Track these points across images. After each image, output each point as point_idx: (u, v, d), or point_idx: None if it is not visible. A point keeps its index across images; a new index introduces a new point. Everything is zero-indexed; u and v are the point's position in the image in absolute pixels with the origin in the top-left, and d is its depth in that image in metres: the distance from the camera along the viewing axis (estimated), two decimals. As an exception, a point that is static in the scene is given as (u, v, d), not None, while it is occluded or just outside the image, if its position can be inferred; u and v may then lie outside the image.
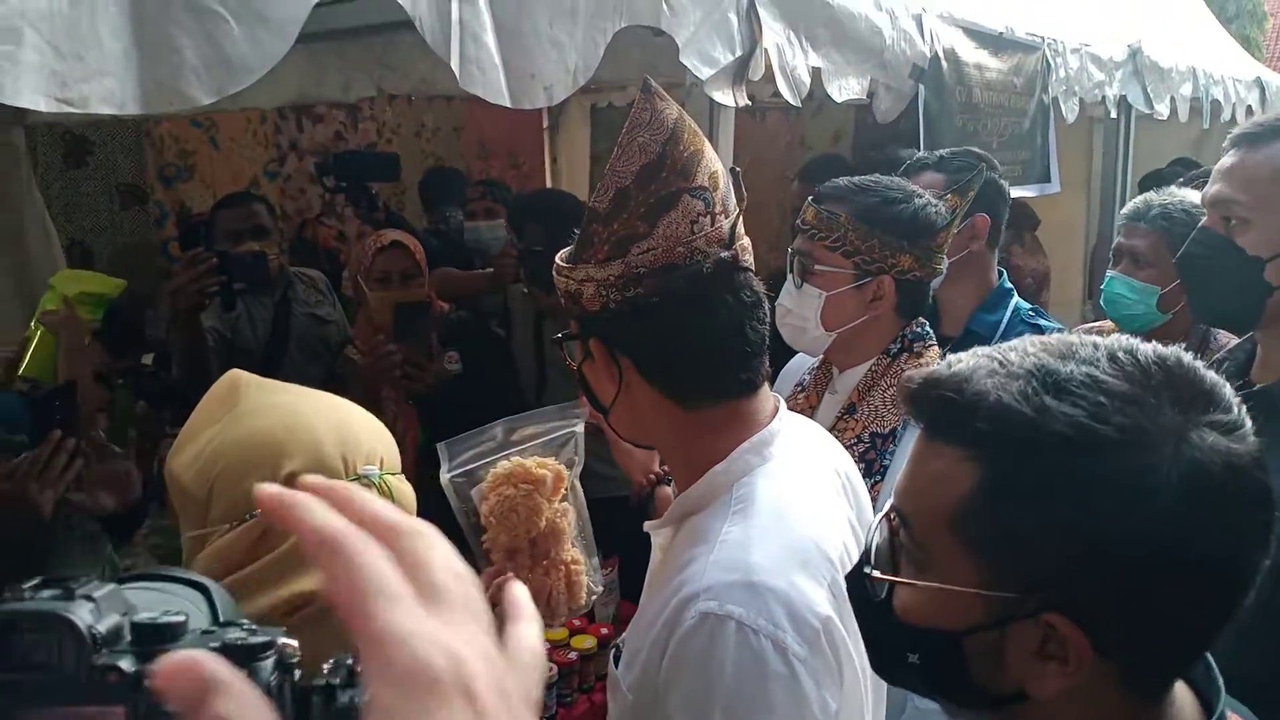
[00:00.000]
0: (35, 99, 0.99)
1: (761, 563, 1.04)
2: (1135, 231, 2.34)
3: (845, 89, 2.42)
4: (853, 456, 1.68)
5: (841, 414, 1.78)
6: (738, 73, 1.96)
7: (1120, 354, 0.74)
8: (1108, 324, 2.50)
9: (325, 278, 3.53)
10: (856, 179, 1.76)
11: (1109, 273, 2.39)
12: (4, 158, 3.46)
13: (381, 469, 1.13)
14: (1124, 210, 2.48)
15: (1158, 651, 0.75)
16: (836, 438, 1.71)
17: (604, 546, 2.47)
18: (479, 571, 1.36)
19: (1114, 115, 4.51)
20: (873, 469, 1.71)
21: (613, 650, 1.24)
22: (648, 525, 1.26)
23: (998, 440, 0.73)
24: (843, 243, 1.70)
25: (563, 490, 1.34)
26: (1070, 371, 0.73)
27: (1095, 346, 0.76)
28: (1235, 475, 0.70)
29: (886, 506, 0.84)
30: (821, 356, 1.86)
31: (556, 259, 1.18)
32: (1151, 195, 2.40)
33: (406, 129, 5.52)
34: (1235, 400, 0.74)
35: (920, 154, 2.32)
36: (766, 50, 2.05)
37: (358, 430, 1.15)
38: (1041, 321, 2.21)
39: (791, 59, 2.18)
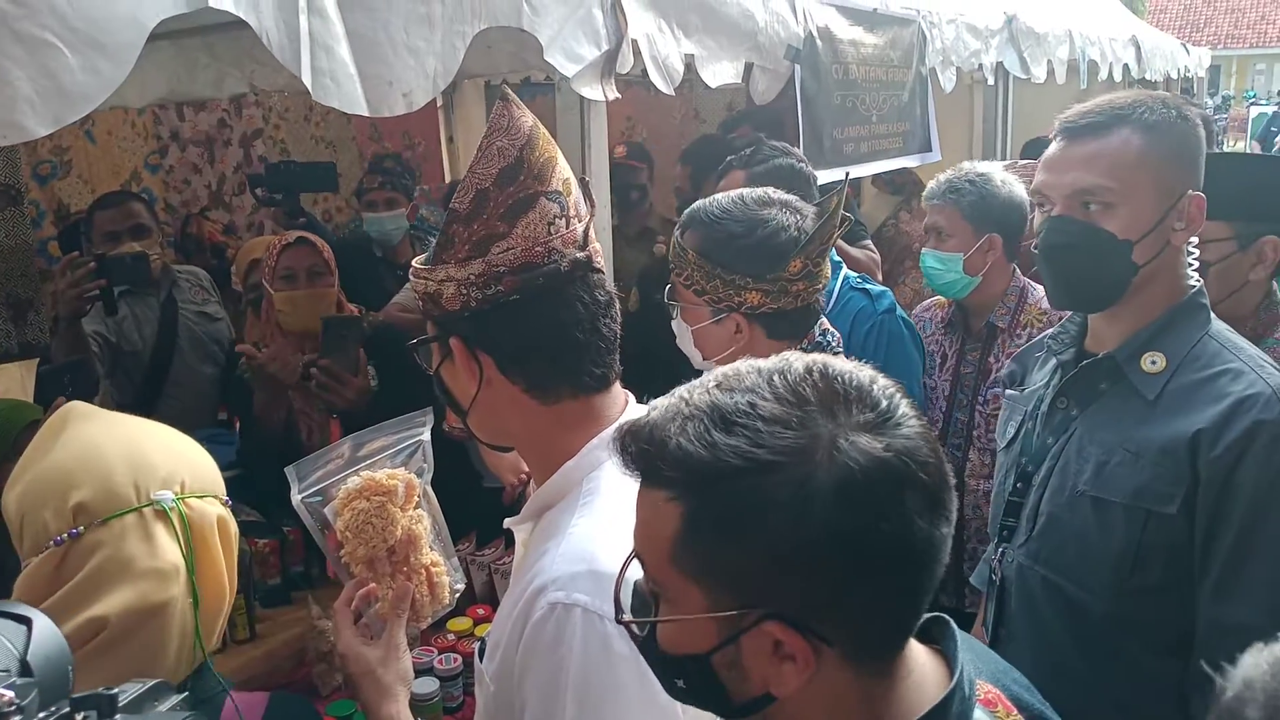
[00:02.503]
0: None
1: (605, 553, 1.08)
2: (933, 209, 2.58)
3: (719, 74, 2.46)
4: None
5: None
6: (605, 67, 1.99)
7: (775, 377, 0.82)
8: (940, 298, 2.68)
9: (208, 274, 3.46)
10: (716, 205, 1.71)
11: (922, 250, 2.62)
12: None
13: (184, 492, 1.15)
14: (924, 193, 2.68)
15: (870, 632, 0.82)
16: None
17: (509, 534, 2.53)
18: (342, 583, 1.39)
19: (992, 82, 4.65)
20: None
21: (478, 644, 1.29)
22: (508, 522, 1.30)
23: (685, 481, 0.80)
24: (692, 282, 1.70)
25: (414, 498, 1.38)
26: (735, 403, 0.80)
27: (759, 372, 0.83)
28: (884, 468, 0.77)
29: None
30: None
31: (414, 263, 1.20)
32: (941, 175, 2.63)
33: (295, 113, 5.40)
34: (887, 394, 0.82)
35: (731, 157, 2.38)
36: (636, 41, 2.07)
37: (154, 457, 1.16)
38: (869, 286, 2.38)
39: (663, 48, 2.21)
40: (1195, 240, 1.58)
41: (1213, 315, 1.56)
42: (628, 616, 0.89)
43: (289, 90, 3.43)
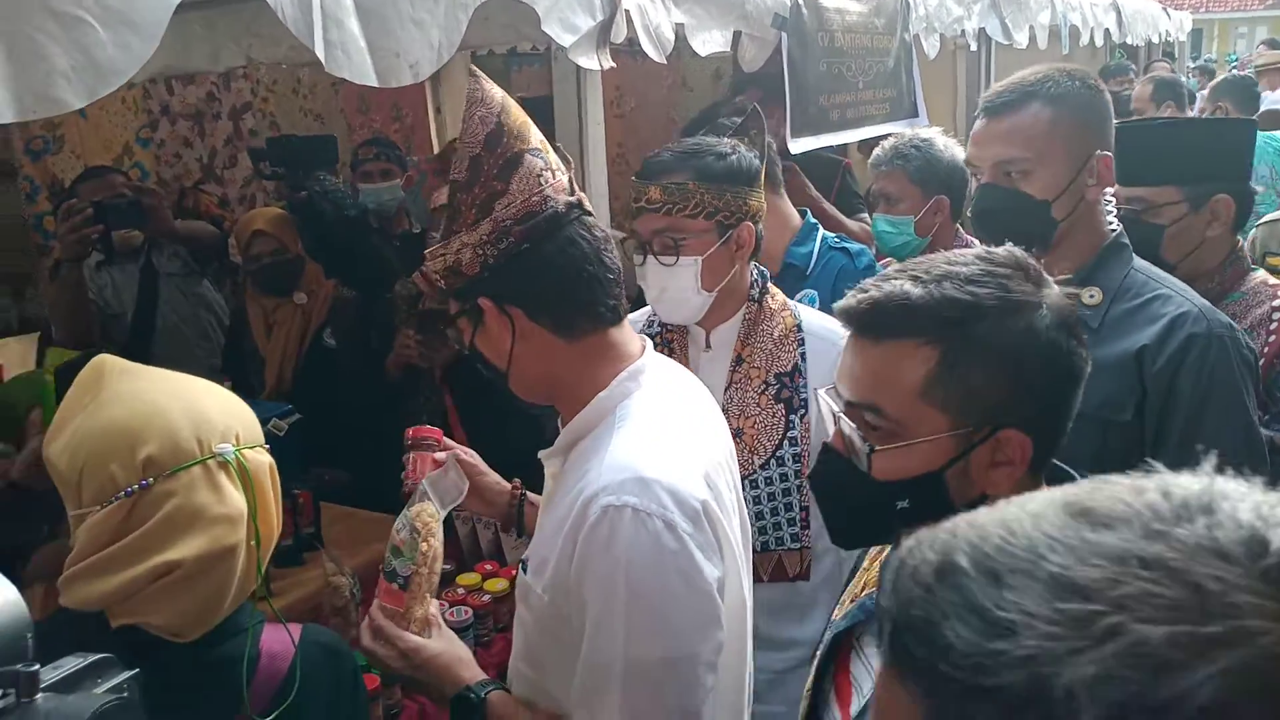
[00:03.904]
0: (-91, 115, 1.04)
1: (647, 461, 1.24)
2: (880, 176, 2.71)
3: (709, 42, 2.52)
4: (765, 402, 1.85)
5: (732, 367, 1.90)
6: (600, 37, 2.05)
7: (984, 254, 1.08)
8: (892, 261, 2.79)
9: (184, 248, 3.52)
10: (678, 148, 1.87)
11: (874, 215, 2.75)
12: None
13: (238, 445, 1.24)
14: (870, 160, 2.80)
15: (1059, 436, 1.07)
16: (741, 388, 1.87)
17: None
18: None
19: (974, 48, 4.71)
20: (794, 404, 1.87)
21: (520, 564, 1.41)
22: (542, 454, 1.42)
23: (947, 325, 1.02)
24: (702, 207, 1.80)
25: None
26: (969, 270, 1.04)
27: (964, 254, 1.09)
28: (1072, 311, 1.06)
29: (838, 406, 1.11)
30: (646, 327, 1.98)
31: (426, 253, 1.33)
32: (886, 142, 2.76)
33: (283, 86, 5.41)
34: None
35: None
36: (628, 11, 2.13)
37: (211, 411, 1.25)
38: (848, 245, 2.50)
39: (655, 17, 2.27)
40: (1110, 193, 1.86)
41: (1134, 254, 1.79)
42: (863, 446, 1.07)
43: (286, 62, 3.46)
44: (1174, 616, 0.43)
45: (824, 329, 1.92)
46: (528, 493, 1.75)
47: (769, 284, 1.96)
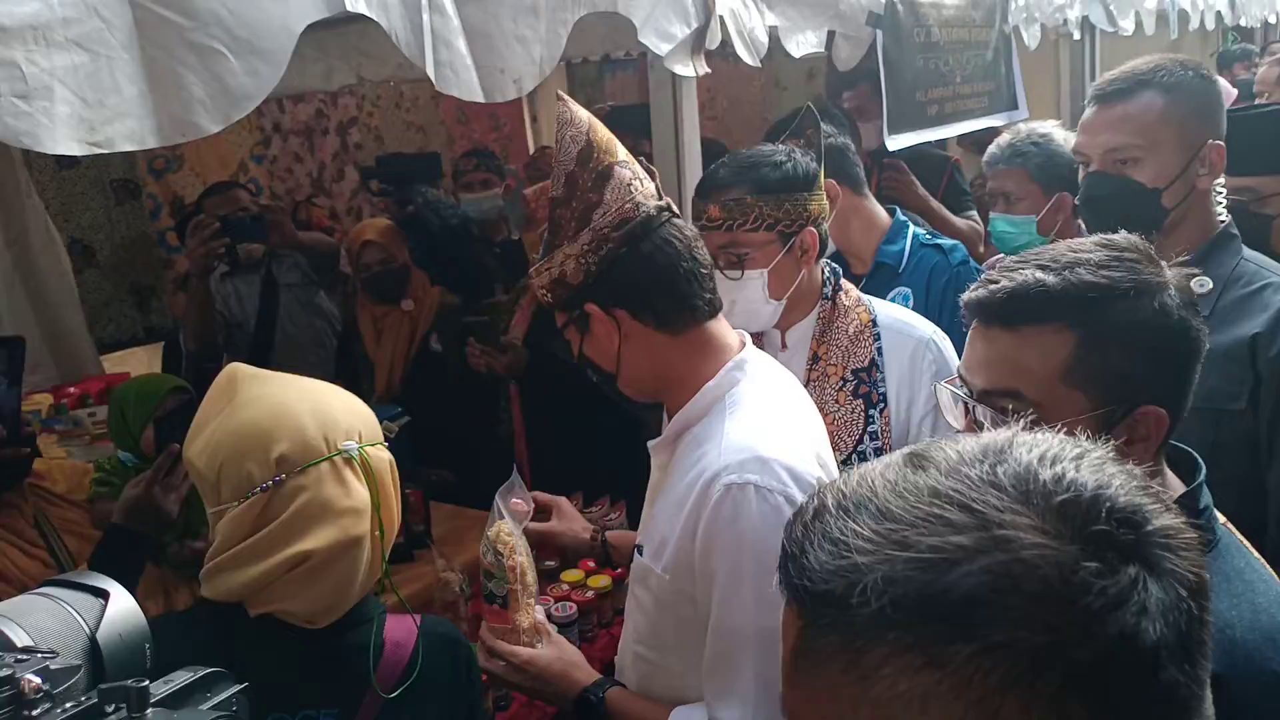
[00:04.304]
0: (70, 145, 1.14)
1: (764, 441, 1.33)
2: (999, 174, 2.60)
3: (803, 44, 2.53)
4: (843, 398, 1.86)
5: (809, 366, 1.91)
6: (695, 44, 2.08)
7: (1105, 241, 1.12)
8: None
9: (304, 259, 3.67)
10: (731, 161, 1.86)
11: (992, 215, 2.63)
12: (1, 166, 3.58)
13: (361, 442, 1.32)
14: (985, 158, 2.69)
15: (1183, 412, 1.12)
16: (819, 385, 1.88)
17: (613, 493, 2.67)
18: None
19: (1078, 37, 4.59)
20: (872, 400, 1.88)
21: (635, 550, 1.50)
22: (651, 444, 1.50)
23: (1086, 308, 1.06)
24: (762, 219, 1.79)
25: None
26: (1097, 256, 1.09)
27: (1084, 242, 1.12)
28: (1192, 292, 1.10)
29: (966, 396, 1.16)
30: None
31: (531, 271, 1.43)
32: (1002, 138, 2.64)
33: (386, 100, 5.60)
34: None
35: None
36: (722, 17, 2.16)
37: (336, 412, 1.33)
38: (940, 241, 2.45)
39: (748, 21, 2.29)
40: (1222, 182, 1.82)
41: (1243, 244, 1.77)
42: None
43: (394, 79, 3.59)
44: (949, 531, 0.55)
45: (899, 323, 1.92)
46: (605, 532, 1.91)
47: (842, 280, 1.96)
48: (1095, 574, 0.53)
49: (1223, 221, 1.77)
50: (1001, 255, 2.74)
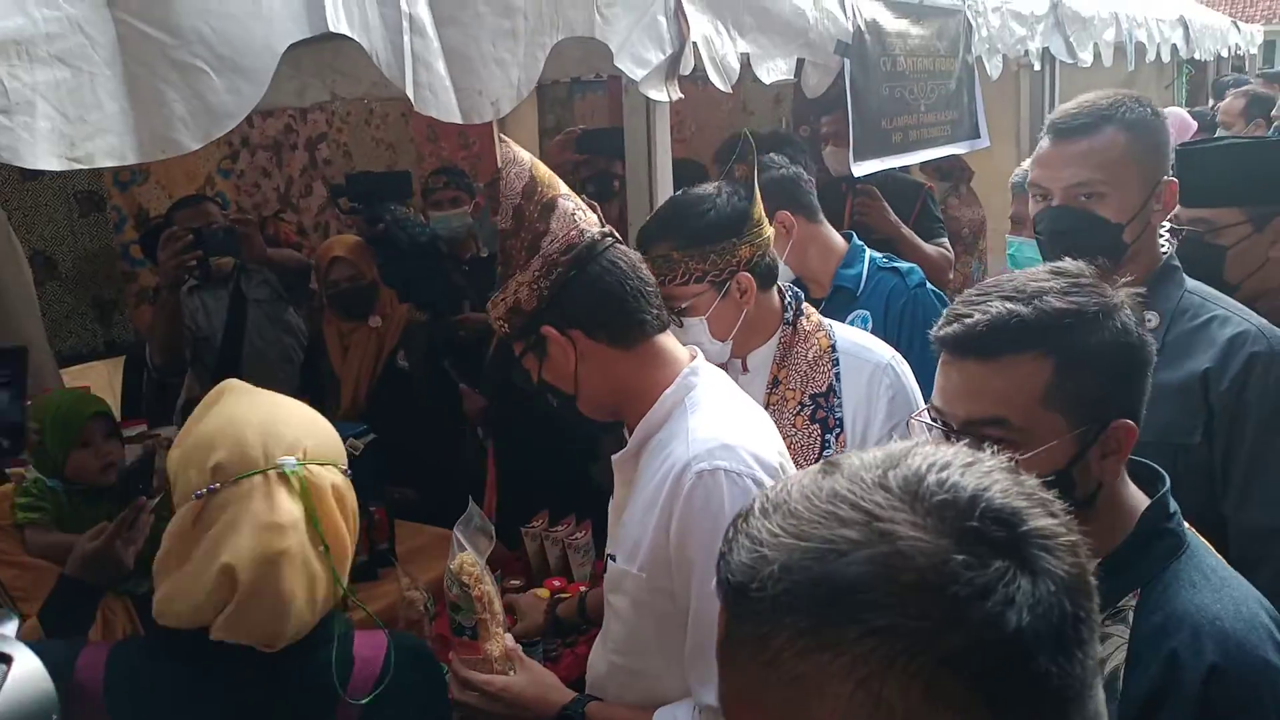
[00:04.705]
0: (50, 160, 1.14)
1: (727, 431, 1.42)
2: (1022, 199, 2.59)
3: (773, 70, 2.58)
4: (800, 422, 1.89)
5: (769, 390, 1.94)
6: (669, 70, 2.11)
7: (1057, 269, 1.19)
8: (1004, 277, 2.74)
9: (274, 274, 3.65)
10: (661, 213, 1.90)
11: (1009, 238, 2.66)
12: (-37, 176, 3.53)
13: (305, 459, 1.30)
14: (1012, 179, 2.71)
15: (1140, 421, 1.18)
16: (777, 409, 1.91)
17: (578, 512, 2.68)
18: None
19: (1039, 67, 4.70)
20: (828, 424, 1.90)
21: (606, 559, 1.55)
22: (615, 457, 1.55)
23: (1060, 334, 1.12)
24: (689, 273, 1.81)
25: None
26: (1057, 284, 1.15)
27: (1035, 272, 1.20)
28: (1140, 307, 1.19)
29: (940, 428, 1.19)
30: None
31: (488, 304, 1.51)
32: (1026, 163, 2.55)
33: (356, 117, 5.60)
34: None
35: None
36: (696, 44, 2.20)
37: (284, 427, 1.32)
38: (898, 264, 2.48)
39: (720, 48, 2.33)
40: (1171, 215, 1.90)
41: (1184, 276, 1.81)
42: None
43: (368, 98, 3.60)
44: (839, 526, 0.61)
45: (857, 347, 1.95)
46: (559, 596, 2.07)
47: (803, 305, 1.98)
48: (964, 565, 0.57)
49: (1165, 254, 1.82)
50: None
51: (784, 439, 1.88)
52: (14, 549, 2.12)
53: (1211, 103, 7.61)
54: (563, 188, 1.51)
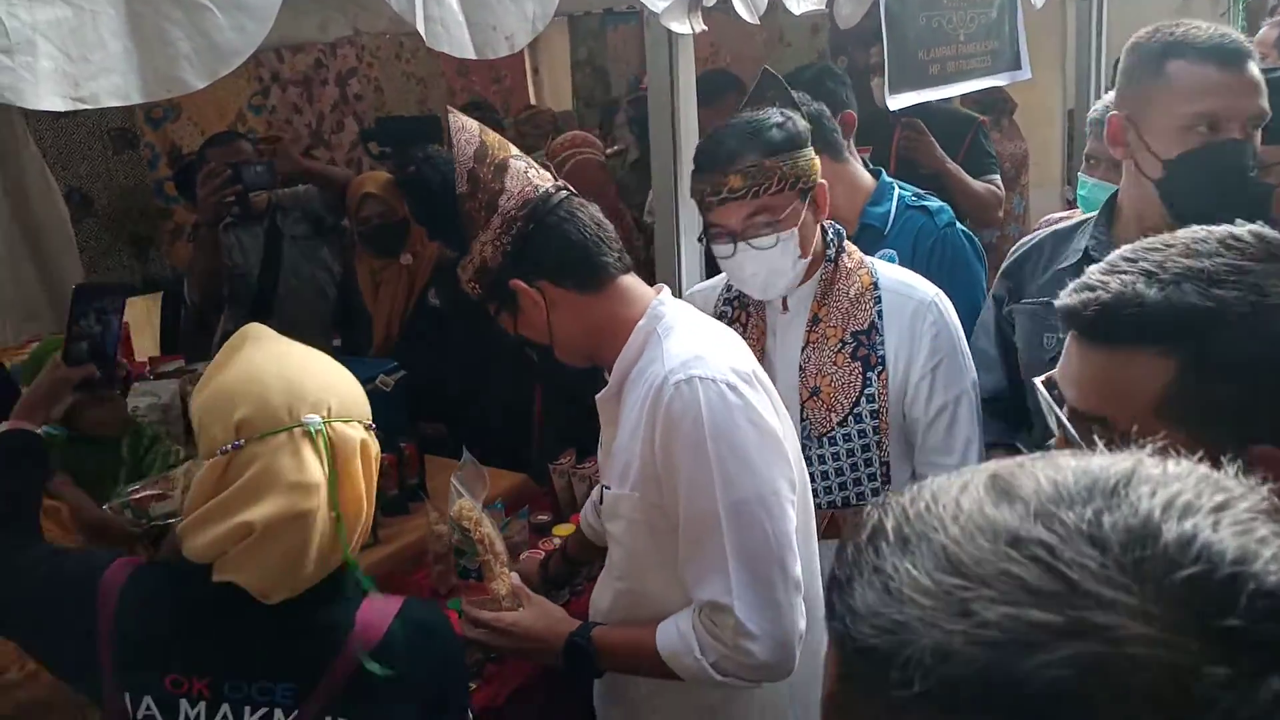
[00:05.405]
0: (54, 100, 1.13)
1: (700, 345, 1.48)
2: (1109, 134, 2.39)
3: (803, 1, 2.50)
4: (841, 360, 1.88)
5: (809, 328, 1.92)
6: (692, 1, 2.06)
7: (1232, 240, 0.94)
8: (1077, 213, 2.60)
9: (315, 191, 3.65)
10: (727, 133, 1.84)
11: (1084, 178, 2.46)
12: (-3, 114, 3.55)
13: (330, 416, 1.30)
14: (1091, 114, 2.51)
15: None
16: (818, 347, 1.89)
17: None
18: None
19: (1085, -7, 4.52)
20: (870, 362, 1.89)
21: (599, 490, 1.61)
22: (599, 396, 1.59)
23: (1188, 333, 0.90)
24: (784, 180, 1.79)
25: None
26: (1215, 264, 0.91)
27: (1206, 240, 0.94)
28: None
29: (1060, 409, 0.99)
30: (723, 292, 2.01)
31: (459, 269, 1.57)
32: (1108, 96, 2.33)
33: (386, 52, 5.54)
34: None
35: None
36: (721, -28, 2.13)
37: (308, 383, 1.31)
38: (927, 202, 2.38)
39: (747, -23, 2.26)
40: None
41: None
42: None
43: (390, 32, 3.56)
44: (1022, 600, 0.42)
45: (900, 284, 1.93)
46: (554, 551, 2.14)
47: (844, 243, 1.96)
48: (1223, 684, 0.40)
49: None
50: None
51: (824, 377, 1.90)
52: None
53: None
54: (513, 150, 1.56)
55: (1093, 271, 0.99)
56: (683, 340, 1.48)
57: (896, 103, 3.08)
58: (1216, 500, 0.46)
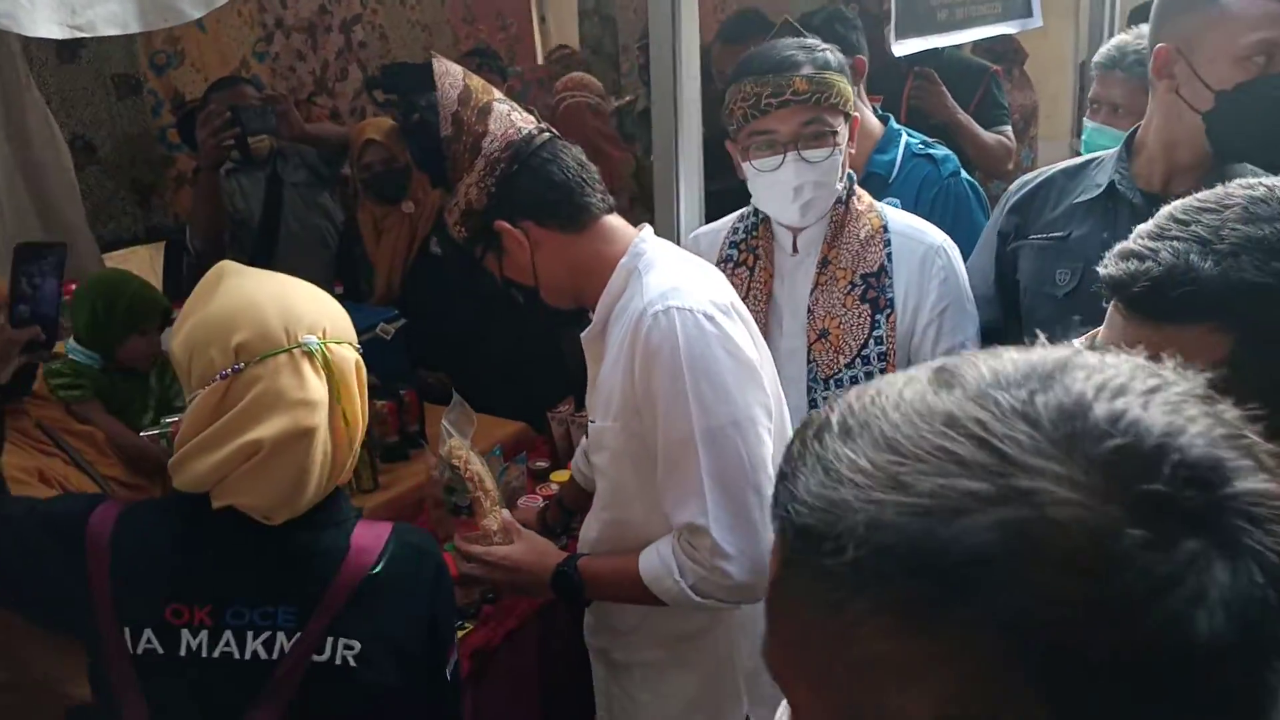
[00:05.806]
0: (51, 28, 1.12)
1: (678, 278, 1.50)
2: (1112, 80, 2.34)
3: (810, -57, 2.46)
4: (850, 302, 1.88)
5: (818, 269, 1.92)
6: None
7: None
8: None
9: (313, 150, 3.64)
10: (789, 44, 1.84)
11: (1087, 122, 2.41)
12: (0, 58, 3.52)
13: (325, 338, 1.33)
14: (1096, 58, 2.46)
15: None
16: (827, 289, 1.89)
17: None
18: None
19: (1100, -60, 4.44)
20: (879, 305, 1.89)
21: (586, 428, 1.64)
22: (584, 335, 1.60)
23: (1246, 308, 0.85)
24: (842, 95, 1.81)
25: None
26: (1274, 233, 0.86)
27: (1267, 200, 0.88)
28: None
29: None
30: (729, 235, 2.01)
31: (445, 212, 1.58)
32: (1125, 39, 2.36)
33: (391, -2, 5.49)
34: None
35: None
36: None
37: (301, 306, 1.34)
38: (933, 151, 2.36)
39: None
40: None
41: None
42: None
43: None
44: (958, 472, 0.44)
45: (910, 229, 1.92)
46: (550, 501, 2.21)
47: (855, 185, 1.95)
48: (1142, 545, 0.42)
49: None
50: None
51: (833, 319, 1.91)
52: (65, 418, 2.17)
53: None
54: (497, 93, 1.59)
55: (1140, 234, 0.93)
56: (662, 274, 1.50)
57: (903, 49, 3.04)
58: (1150, 384, 0.47)
